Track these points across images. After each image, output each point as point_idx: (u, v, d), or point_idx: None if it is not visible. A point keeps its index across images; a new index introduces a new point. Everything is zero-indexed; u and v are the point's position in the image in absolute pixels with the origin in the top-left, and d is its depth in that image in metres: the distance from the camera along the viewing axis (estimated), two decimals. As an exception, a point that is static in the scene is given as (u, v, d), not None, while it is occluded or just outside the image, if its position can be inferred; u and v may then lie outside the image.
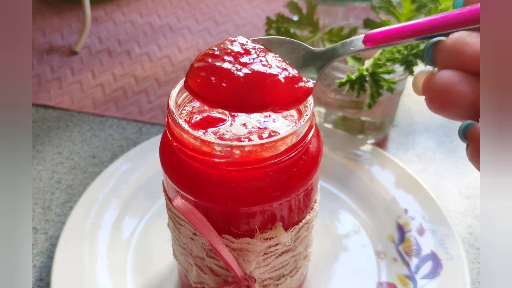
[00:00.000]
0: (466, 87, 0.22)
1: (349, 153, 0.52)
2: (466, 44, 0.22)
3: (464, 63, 0.22)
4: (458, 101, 0.22)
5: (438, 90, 0.22)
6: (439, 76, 0.22)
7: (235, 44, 0.27)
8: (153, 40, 0.72)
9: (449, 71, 0.22)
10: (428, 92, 0.23)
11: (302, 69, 0.27)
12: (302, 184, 0.31)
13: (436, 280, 0.41)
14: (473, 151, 0.22)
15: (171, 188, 0.33)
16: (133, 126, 0.59)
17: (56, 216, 0.49)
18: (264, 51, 0.27)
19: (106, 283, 0.42)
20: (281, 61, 0.27)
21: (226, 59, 0.27)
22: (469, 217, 0.49)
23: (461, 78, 0.22)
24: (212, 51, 0.27)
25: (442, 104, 0.22)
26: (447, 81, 0.22)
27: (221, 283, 0.35)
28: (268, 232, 0.32)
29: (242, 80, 0.26)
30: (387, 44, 0.25)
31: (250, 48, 0.27)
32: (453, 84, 0.22)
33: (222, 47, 0.27)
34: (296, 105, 0.27)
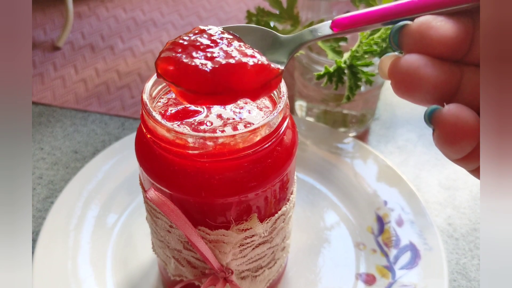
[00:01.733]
0: (431, 71, 0.22)
1: (331, 147, 0.53)
2: (431, 27, 0.22)
3: (429, 47, 0.22)
4: (423, 85, 0.22)
5: (403, 74, 0.22)
6: (404, 60, 0.22)
7: (204, 35, 0.27)
8: (137, 35, 0.72)
9: (414, 55, 0.22)
10: (393, 76, 0.23)
11: (271, 56, 0.27)
12: (277, 175, 0.31)
13: (415, 270, 0.42)
14: (439, 136, 0.22)
15: (147, 181, 0.33)
16: (116, 121, 0.59)
17: (37, 211, 0.49)
18: (231, 40, 0.27)
19: (87, 277, 0.42)
20: (248, 48, 0.27)
21: (194, 48, 0.27)
22: (448, 208, 0.49)
23: (425, 62, 0.22)
24: (182, 40, 0.27)
25: (407, 88, 0.22)
26: (411, 65, 0.22)
27: (199, 275, 0.36)
28: (243, 224, 0.32)
29: (209, 69, 0.26)
30: (355, 29, 0.24)
31: (217, 37, 0.27)
32: (417, 68, 0.22)
33: (191, 36, 0.27)
34: (266, 92, 0.27)
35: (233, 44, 0.27)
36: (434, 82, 0.22)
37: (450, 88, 0.23)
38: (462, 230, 0.47)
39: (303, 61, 0.52)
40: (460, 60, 0.23)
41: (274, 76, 0.26)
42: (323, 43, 0.50)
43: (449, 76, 0.22)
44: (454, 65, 0.23)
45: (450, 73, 0.23)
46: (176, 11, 0.76)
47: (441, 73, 0.22)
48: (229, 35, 0.27)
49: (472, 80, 0.23)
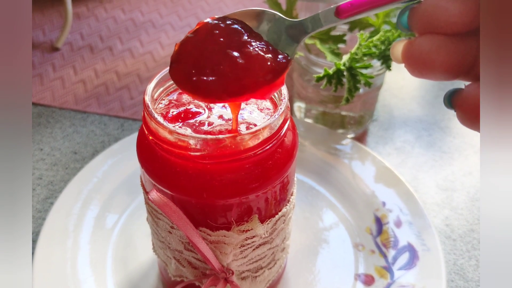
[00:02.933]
0: (444, 53, 0.22)
1: (330, 148, 0.53)
2: (438, 8, 0.22)
3: (440, 28, 0.22)
4: (436, 67, 0.22)
5: (416, 58, 0.23)
6: (416, 44, 0.22)
7: (214, 29, 0.27)
8: (136, 36, 0.72)
9: (425, 38, 0.22)
10: (407, 61, 0.23)
11: (278, 42, 0.28)
12: (277, 177, 0.32)
13: (413, 271, 0.42)
14: (463, 117, 0.23)
15: (148, 182, 0.33)
16: (115, 122, 0.59)
17: (37, 212, 0.49)
18: (239, 35, 0.27)
19: (87, 278, 0.42)
20: (256, 46, 0.27)
21: (202, 56, 0.27)
22: (446, 209, 0.49)
23: (437, 44, 0.22)
24: (190, 41, 0.27)
25: (422, 71, 0.23)
26: (424, 48, 0.22)
27: (200, 276, 0.36)
28: (244, 225, 0.32)
29: (220, 83, 0.26)
30: (360, 13, 0.24)
31: (225, 36, 0.27)
32: (430, 52, 0.22)
33: (200, 34, 0.27)
34: (274, 89, 0.27)
35: (241, 43, 0.27)
36: (448, 62, 0.22)
37: (467, 62, 0.23)
38: (460, 231, 0.48)
39: (302, 62, 0.52)
40: (476, 31, 0.23)
41: (284, 67, 0.27)
42: (321, 45, 0.50)
43: (464, 52, 0.22)
44: (470, 38, 0.23)
45: (465, 49, 0.22)
46: (175, 12, 0.76)
47: (455, 52, 0.22)
48: (235, 26, 0.27)
49: None
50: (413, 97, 0.62)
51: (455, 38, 0.22)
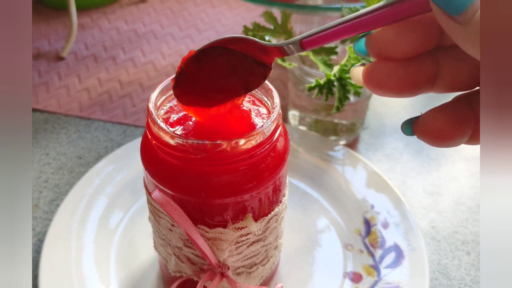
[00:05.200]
0: (394, 78, 0.24)
1: (322, 154, 0.56)
2: (387, 40, 0.24)
3: (388, 55, 0.24)
4: (390, 90, 0.25)
5: (373, 83, 0.25)
6: (370, 70, 0.25)
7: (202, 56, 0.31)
8: (138, 46, 0.75)
9: (377, 65, 0.25)
10: (366, 84, 0.25)
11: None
12: (270, 178, 0.34)
13: (398, 269, 0.45)
14: (423, 140, 0.25)
15: (151, 183, 0.36)
16: (118, 128, 0.62)
17: (44, 213, 0.52)
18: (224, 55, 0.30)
19: (91, 275, 0.45)
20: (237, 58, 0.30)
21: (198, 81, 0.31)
22: (432, 212, 0.52)
23: (387, 71, 0.24)
24: (189, 62, 0.31)
25: (380, 92, 0.25)
26: (377, 75, 0.25)
27: (198, 271, 0.38)
28: (239, 223, 0.35)
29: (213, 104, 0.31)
30: (320, 44, 0.27)
31: (214, 56, 0.30)
32: (382, 77, 0.24)
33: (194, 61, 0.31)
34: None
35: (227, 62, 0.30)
36: (400, 85, 0.24)
37: (420, 81, 0.25)
38: (444, 232, 0.50)
39: (296, 73, 0.55)
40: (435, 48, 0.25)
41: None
42: (315, 56, 0.53)
43: (414, 73, 0.24)
44: (426, 57, 0.25)
45: (415, 70, 0.24)
46: (176, 23, 0.80)
47: (405, 75, 0.24)
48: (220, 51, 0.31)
49: (450, 64, 0.25)
50: (403, 106, 0.65)
51: (404, 62, 0.24)
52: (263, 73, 0.30)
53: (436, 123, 0.24)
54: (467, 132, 0.24)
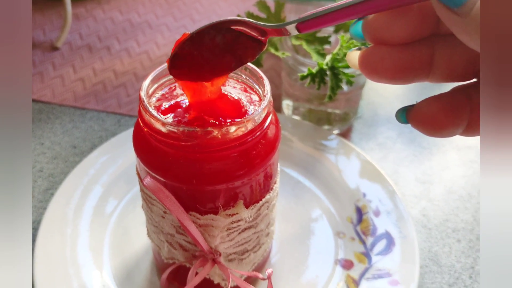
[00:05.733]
0: (388, 62, 0.24)
1: (316, 143, 0.56)
2: (383, 23, 0.24)
3: (384, 40, 0.25)
4: (384, 74, 0.25)
5: (368, 67, 0.25)
6: (365, 54, 0.25)
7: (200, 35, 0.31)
8: (132, 36, 0.75)
9: (372, 50, 0.25)
10: (361, 68, 0.25)
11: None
12: (261, 165, 0.35)
13: (389, 256, 0.45)
14: (417, 129, 0.25)
15: (143, 171, 0.36)
16: (112, 118, 0.62)
17: (38, 202, 0.52)
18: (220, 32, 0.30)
19: (86, 262, 0.45)
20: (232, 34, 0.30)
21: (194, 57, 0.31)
22: (423, 201, 0.53)
23: (381, 55, 0.25)
24: (184, 45, 0.30)
25: (374, 77, 0.25)
26: (371, 59, 0.25)
27: (190, 258, 0.39)
28: (230, 209, 0.35)
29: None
30: (317, 28, 0.27)
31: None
32: (376, 61, 0.25)
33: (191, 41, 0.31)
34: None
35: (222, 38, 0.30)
36: (393, 70, 0.24)
37: (421, 65, 0.25)
38: (435, 221, 0.51)
39: (290, 62, 0.55)
40: (431, 35, 0.25)
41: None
42: (308, 46, 0.53)
43: (408, 59, 0.24)
44: (421, 44, 0.25)
45: (409, 56, 0.24)
46: (170, 13, 0.79)
47: (399, 60, 0.24)
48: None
49: (445, 52, 0.25)
50: (397, 96, 0.66)
51: (399, 47, 0.24)
52: (258, 47, 0.30)
53: (430, 111, 0.24)
54: (461, 122, 0.24)
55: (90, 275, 0.44)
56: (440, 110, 0.24)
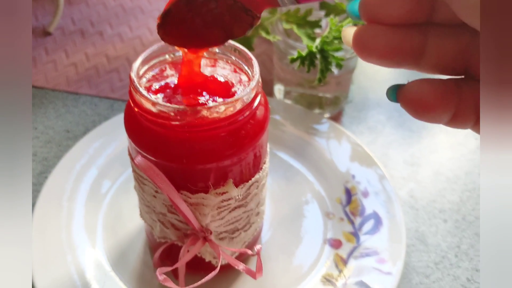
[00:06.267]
0: (380, 40, 0.24)
1: (307, 127, 0.57)
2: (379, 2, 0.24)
3: (381, 18, 0.25)
4: (375, 52, 0.25)
5: (360, 44, 0.25)
6: (357, 31, 0.25)
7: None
8: (125, 21, 0.75)
9: (368, 27, 0.25)
10: (354, 45, 0.25)
11: None
12: (250, 145, 0.35)
13: (377, 235, 0.46)
14: (405, 109, 0.25)
15: (134, 151, 0.37)
16: (105, 102, 0.63)
17: (33, 185, 0.53)
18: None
19: (80, 243, 0.46)
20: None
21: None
22: (411, 182, 0.54)
23: (375, 32, 0.25)
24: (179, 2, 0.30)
25: (364, 55, 0.25)
26: (365, 35, 0.25)
27: (182, 236, 0.40)
28: (221, 188, 0.36)
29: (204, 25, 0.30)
30: (316, 0, 0.27)
31: None
32: (369, 37, 0.25)
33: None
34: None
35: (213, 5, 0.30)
36: (384, 49, 0.24)
37: (412, 48, 0.25)
38: (423, 202, 0.52)
39: (281, 46, 0.56)
40: (425, 23, 0.25)
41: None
42: (299, 30, 0.54)
43: (401, 41, 0.25)
44: (414, 29, 0.25)
45: (402, 37, 0.25)
46: (163, -1, 0.80)
47: (391, 39, 0.24)
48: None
49: (438, 42, 0.25)
50: (387, 80, 0.66)
51: (394, 28, 0.25)
52: (250, 21, 0.30)
53: (420, 91, 0.24)
54: (449, 108, 0.24)
55: (84, 255, 0.45)
56: (430, 91, 0.24)
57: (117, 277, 0.44)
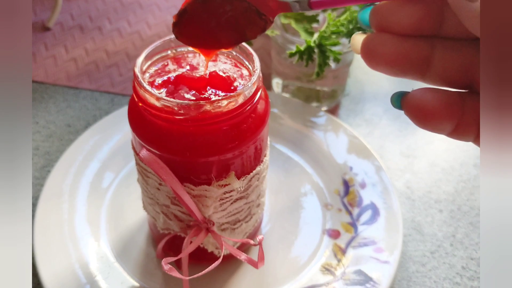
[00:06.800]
0: (388, 48, 0.25)
1: (305, 120, 0.58)
2: (391, 9, 0.25)
3: (390, 27, 0.25)
4: (381, 59, 0.25)
5: (368, 51, 0.25)
6: (366, 38, 0.26)
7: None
8: (123, 16, 0.76)
9: (377, 34, 0.25)
10: (362, 53, 0.26)
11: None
12: (251, 138, 0.36)
13: (374, 225, 0.48)
14: (409, 117, 0.25)
15: (138, 145, 0.38)
16: (106, 97, 0.63)
17: (36, 179, 0.54)
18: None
19: (83, 236, 0.47)
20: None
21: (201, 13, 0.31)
22: (407, 174, 0.55)
23: (383, 40, 0.25)
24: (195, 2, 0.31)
25: (371, 62, 0.26)
26: (374, 42, 0.25)
27: (184, 227, 0.41)
28: (223, 180, 0.37)
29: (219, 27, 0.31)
30: (329, 6, 0.27)
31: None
32: (377, 45, 0.25)
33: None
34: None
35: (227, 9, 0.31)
36: (391, 57, 0.25)
37: (418, 61, 0.25)
38: (419, 192, 0.53)
39: (279, 41, 0.57)
40: (433, 35, 0.25)
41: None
42: (296, 24, 0.55)
43: (408, 50, 0.25)
44: (422, 41, 0.25)
45: (409, 47, 0.25)
46: (161, -7, 0.80)
47: (398, 48, 0.25)
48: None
49: (444, 55, 0.25)
50: (383, 74, 0.67)
51: (403, 37, 0.25)
52: (263, 25, 0.30)
53: (425, 99, 0.25)
54: (452, 119, 0.25)
55: (88, 247, 0.46)
56: (434, 100, 0.25)
57: (121, 267, 0.45)
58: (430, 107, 0.25)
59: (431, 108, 0.24)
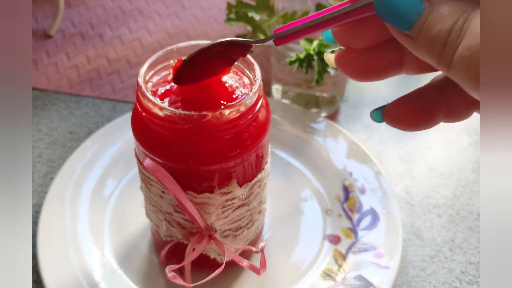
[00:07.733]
0: (355, 64, 0.27)
1: (305, 126, 0.59)
2: (347, 30, 0.27)
3: (351, 44, 0.27)
4: (355, 74, 0.27)
5: (342, 68, 0.28)
6: (337, 58, 0.28)
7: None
8: (124, 23, 0.76)
9: (343, 52, 0.27)
10: (338, 68, 0.28)
11: None
12: (253, 146, 0.37)
13: (374, 231, 0.48)
14: (394, 127, 0.27)
15: (142, 153, 0.38)
16: (107, 104, 0.64)
17: (39, 186, 0.54)
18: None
19: (86, 243, 0.48)
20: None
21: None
22: (406, 179, 0.56)
23: (349, 57, 0.27)
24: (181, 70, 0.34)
25: (349, 76, 0.28)
26: (343, 59, 0.27)
27: (187, 235, 0.41)
28: (225, 188, 0.38)
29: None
30: (292, 41, 0.29)
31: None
32: (346, 62, 0.27)
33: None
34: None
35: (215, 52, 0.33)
36: (361, 70, 0.27)
37: (390, 64, 0.27)
38: (418, 197, 0.54)
39: (278, 48, 0.57)
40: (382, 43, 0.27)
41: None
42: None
43: (382, 57, 0.27)
44: (388, 46, 0.27)
45: (382, 55, 0.27)
46: (161, 0, 0.81)
47: (372, 60, 0.27)
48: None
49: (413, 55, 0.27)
50: (382, 79, 0.68)
51: (367, 51, 0.27)
52: (246, 48, 0.33)
53: (399, 112, 0.27)
54: (433, 120, 0.26)
55: (91, 254, 0.47)
56: (408, 112, 0.26)
57: (124, 274, 0.46)
58: (407, 117, 0.26)
59: (408, 118, 0.26)
